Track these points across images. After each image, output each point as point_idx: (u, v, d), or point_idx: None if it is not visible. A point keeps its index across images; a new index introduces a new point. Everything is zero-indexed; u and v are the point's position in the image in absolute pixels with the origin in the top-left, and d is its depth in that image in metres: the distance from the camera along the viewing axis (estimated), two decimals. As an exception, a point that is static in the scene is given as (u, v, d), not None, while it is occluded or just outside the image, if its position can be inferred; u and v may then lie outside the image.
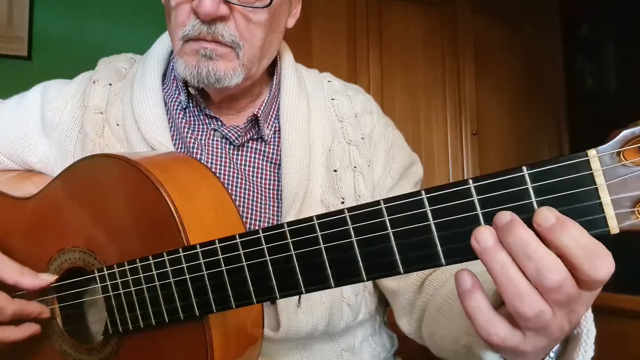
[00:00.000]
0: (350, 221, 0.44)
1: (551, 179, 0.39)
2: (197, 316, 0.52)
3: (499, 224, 0.39)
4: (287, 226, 0.47)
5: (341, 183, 0.78)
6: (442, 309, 0.71)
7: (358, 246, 0.44)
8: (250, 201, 0.74)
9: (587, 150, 0.38)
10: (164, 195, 0.54)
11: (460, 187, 0.41)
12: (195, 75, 0.69)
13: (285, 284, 0.47)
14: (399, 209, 0.42)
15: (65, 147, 0.78)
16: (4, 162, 0.82)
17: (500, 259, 0.40)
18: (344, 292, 0.75)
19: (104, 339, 0.60)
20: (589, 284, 0.39)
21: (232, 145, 0.77)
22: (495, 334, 0.41)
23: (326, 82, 0.87)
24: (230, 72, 0.69)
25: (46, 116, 0.79)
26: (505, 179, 0.40)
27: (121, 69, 0.82)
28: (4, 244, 0.66)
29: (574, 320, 0.42)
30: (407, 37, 2.55)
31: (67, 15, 2.24)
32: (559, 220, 0.38)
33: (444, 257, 0.42)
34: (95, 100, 0.79)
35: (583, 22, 3.01)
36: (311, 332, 0.73)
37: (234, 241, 0.49)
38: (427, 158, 2.52)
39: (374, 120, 0.84)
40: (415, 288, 0.78)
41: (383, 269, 0.44)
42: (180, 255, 0.52)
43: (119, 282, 0.57)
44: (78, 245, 0.61)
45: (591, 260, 0.38)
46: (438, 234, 0.41)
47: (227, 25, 0.67)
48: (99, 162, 0.62)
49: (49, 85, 0.83)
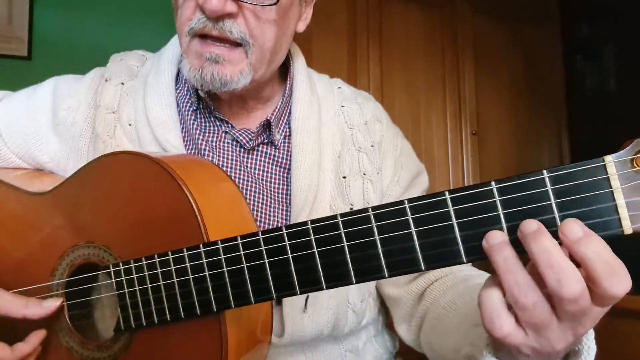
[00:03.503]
0: (373, 219, 0.45)
1: (570, 182, 0.41)
2: (214, 312, 0.53)
3: (525, 231, 0.41)
4: (310, 224, 0.48)
5: (350, 189, 0.78)
6: (441, 318, 0.71)
7: (380, 244, 0.45)
8: (259, 204, 0.74)
9: (604, 156, 0.41)
10: (185, 192, 0.55)
11: (483, 188, 0.43)
12: (199, 79, 0.68)
13: (306, 280, 0.48)
14: (423, 208, 0.44)
15: (78, 146, 0.77)
16: (14, 161, 0.81)
17: (504, 254, 0.42)
18: (350, 298, 0.76)
19: (114, 335, 0.60)
20: (603, 298, 0.40)
21: (242, 148, 0.77)
22: (499, 327, 0.42)
23: (336, 88, 0.86)
24: (237, 76, 0.68)
25: (59, 115, 0.78)
26: (526, 181, 0.42)
27: (133, 67, 0.81)
28: (16, 238, 0.67)
29: (579, 334, 0.43)
30: (407, 37, 2.55)
31: (67, 15, 2.23)
32: (586, 234, 0.40)
33: (465, 255, 0.44)
34: (107, 99, 0.78)
35: (583, 23, 3.01)
36: (316, 336, 0.73)
37: (255, 237, 0.50)
38: (427, 158, 2.52)
39: (383, 129, 0.84)
40: (416, 297, 0.79)
41: (405, 266, 0.45)
42: (200, 251, 0.53)
43: (134, 278, 0.57)
44: (93, 240, 0.62)
45: (611, 276, 0.39)
46: (460, 233, 0.43)
47: (236, 21, 0.66)
48: (120, 159, 0.62)
49: (60, 82, 0.82)
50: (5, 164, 0.81)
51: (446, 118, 2.62)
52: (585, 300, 0.40)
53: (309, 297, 0.72)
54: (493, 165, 2.71)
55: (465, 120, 2.65)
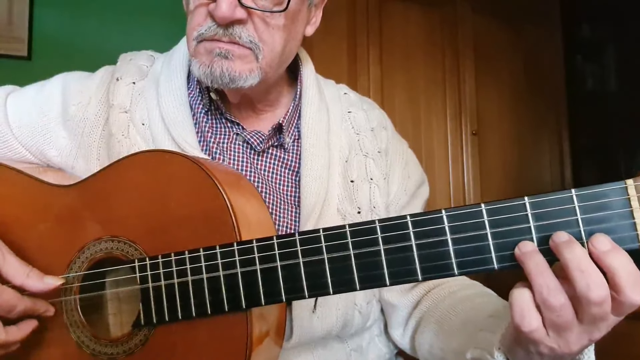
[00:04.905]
0: (411, 226, 0.50)
1: (595, 201, 0.47)
2: (242, 309, 0.54)
3: (558, 240, 0.46)
4: (349, 227, 0.51)
5: (358, 193, 0.79)
6: (441, 322, 0.73)
7: (417, 249, 0.49)
8: (270, 206, 0.75)
9: (625, 179, 0.47)
10: (221, 190, 0.57)
11: (516, 202, 0.48)
12: (209, 75, 0.68)
13: (339, 281, 0.51)
14: (459, 217, 0.49)
15: (88, 142, 0.78)
16: (22, 154, 0.81)
17: (535, 260, 0.46)
18: (357, 300, 0.77)
19: (131, 330, 0.60)
20: (623, 306, 0.45)
21: (253, 150, 0.77)
22: (528, 322, 0.46)
23: (343, 94, 0.88)
24: (246, 73, 0.68)
25: (69, 110, 0.79)
26: (556, 198, 0.48)
27: (142, 67, 0.82)
28: (34, 229, 0.67)
29: (594, 338, 0.47)
30: (407, 37, 2.54)
31: (67, 15, 2.24)
32: (614, 247, 0.45)
33: (496, 263, 0.48)
34: (119, 98, 0.78)
35: (583, 23, 3.01)
36: (324, 337, 0.75)
37: (292, 238, 0.53)
38: (427, 158, 2.52)
39: (389, 136, 0.86)
40: (413, 304, 0.81)
41: (439, 270, 0.49)
42: (234, 249, 0.54)
43: (161, 273, 0.58)
44: (118, 235, 0.62)
45: (634, 285, 0.44)
46: (493, 242, 0.48)
47: (245, 27, 0.66)
48: (153, 156, 0.64)
49: (70, 79, 0.83)
50: (15, 156, 0.81)
51: (446, 118, 2.61)
52: (607, 306, 0.45)
53: (318, 299, 0.72)
54: (493, 165, 2.71)
55: (465, 120, 2.64)
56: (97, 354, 0.62)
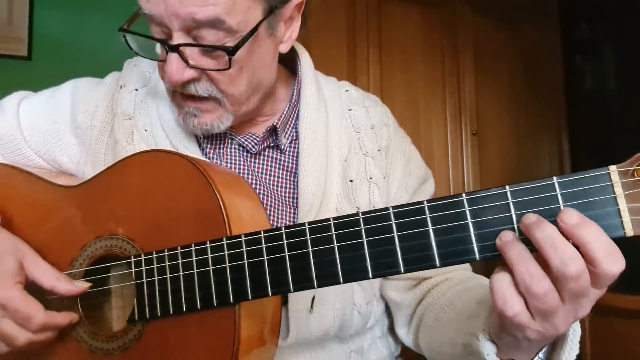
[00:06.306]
0: (393, 217, 0.49)
1: (577, 188, 0.46)
2: (230, 303, 0.55)
3: (528, 222, 0.45)
4: (333, 220, 0.51)
5: (357, 193, 0.79)
6: (439, 317, 0.73)
7: (399, 241, 0.49)
8: (267, 207, 0.75)
9: (609, 165, 0.45)
10: (213, 189, 0.58)
11: (497, 191, 0.47)
12: (184, 127, 0.73)
13: (323, 274, 0.51)
14: (440, 208, 0.48)
15: (96, 149, 0.79)
16: (35, 160, 0.83)
17: (516, 248, 0.45)
18: (356, 300, 0.77)
19: (126, 326, 0.61)
20: (601, 279, 0.44)
21: (248, 152, 0.78)
22: (510, 306, 0.46)
23: (344, 91, 0.86)
24: (217, 122, 0.70)
25: (78, 118, 0.80)
26: (537, 186, 0.46)
27: (145, 73, 0.83)
28: (39, 227, 0.69)
29: (578, 316, 0.47)
30: (407, 37, 2.55)
31: (67, 15, 2.23)
32: (582, 219, 0.44)
33: (478, 253, 0.47)
34: (123, 106, 0.80)
35: (583, 22, 3.01)
36: (322, 336, 0.74)
37: (278, 232, 0.53)
38: (427, 158, 2.50)
39: (390, 133, 0.85)
40: (417, 302, 0.81)
41: (420, 262, 0.49)
42: (223, 244, 0.55)
43: (155, 268, 0.59)
44: (117, 233, 0.64)
45: (608, 257, 0.43)
46: (475, 232, 0.47)
47: (200, 82, 0.67)
48: (152, 156, 0.65)
49: (79, 86, 0.84)
50: (28, 162, 0.83)
51: (446, 118, 2.62)
52: (585, 280, 0.44)
53: (315, 298, 0.72)
54: (493, 165, 2.71)
55: (465, 120, 2.65)
56: (94, 349, 0.63)
